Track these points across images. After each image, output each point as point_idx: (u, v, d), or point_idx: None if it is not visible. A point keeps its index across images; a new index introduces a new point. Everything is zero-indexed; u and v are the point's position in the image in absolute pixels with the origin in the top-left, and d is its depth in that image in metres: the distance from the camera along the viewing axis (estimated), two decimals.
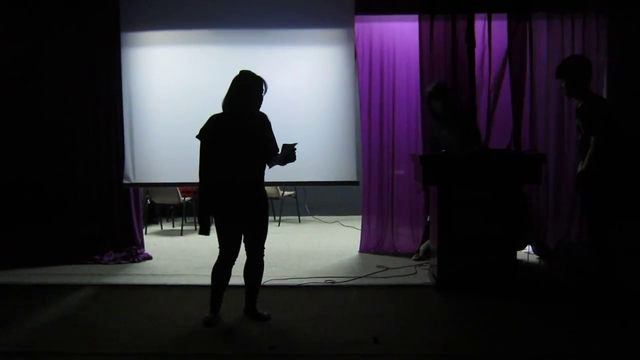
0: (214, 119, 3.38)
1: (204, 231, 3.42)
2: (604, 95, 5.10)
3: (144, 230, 5.76)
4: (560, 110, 5.21)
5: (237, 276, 3.55)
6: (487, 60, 5.18)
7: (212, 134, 3.34)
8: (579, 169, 3.93)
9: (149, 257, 5.32)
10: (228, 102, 3.37)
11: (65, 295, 4.12)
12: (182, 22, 5.12)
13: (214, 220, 3.44)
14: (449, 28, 5.11)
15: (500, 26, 5.17)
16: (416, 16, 5.13)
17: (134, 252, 5.26)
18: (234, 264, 3.44)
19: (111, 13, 5.13)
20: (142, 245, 5.43)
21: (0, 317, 3.64)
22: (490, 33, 5.15)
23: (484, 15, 5.14)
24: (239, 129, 3.32)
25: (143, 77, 5.18)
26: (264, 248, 3.51)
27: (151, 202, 7.12)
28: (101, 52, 5.18)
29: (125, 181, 5.22)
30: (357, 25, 5.13)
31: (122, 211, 5.32)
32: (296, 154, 3.34)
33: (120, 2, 5.10)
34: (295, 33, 5.12)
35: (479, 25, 5.15)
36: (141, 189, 5.76)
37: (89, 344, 3.18)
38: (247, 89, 3.33)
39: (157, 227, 7.22)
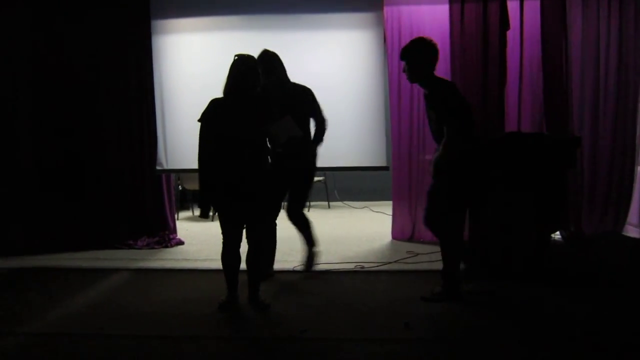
0: (212, 103, 3.38)
1: (204, 215, 3.50)
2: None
3: (176, 215, 5.85)
4: (595, 94, 5.09)
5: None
6: (518, 43, 5.06)
7: (210, 119, 3.35)
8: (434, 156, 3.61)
9: (181, 242, 5.41)
10: (225, 86, 3.38)
11: (102, 279, 4.23)
12: (211, 8, 5.15)
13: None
14: (480, 10, 4.97)
15: (533, 7, 5.03)
16: None
17: (167, 237, 5.36)
18: (239, 247, 3.45)
19: (141, 1, 5.19)
20: (174, 231, 5.52)
21: (41, 299, 3.76)
22: (522, 15, 5.03)
23: None
24: (236, 113, 3.32)
25: (174, 64, 5.25)
26: (264, 234, 3.51)
27: (183, 188, 7.22)
28: (132, 40, 5.23)
29: (157, 167, 5.32)
30: (385, 9, 5.08)
31: (155, 197, 5.41)
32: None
33: None
34: (323, 17, 5.10)
35: (511, 6, 5.00)
36: (173, 175, 5.85)
37: (123, 326, 3.26)
38: (242, 72, 3.32)
39: (188, 213, 7.32)
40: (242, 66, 3.34)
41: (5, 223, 5.24)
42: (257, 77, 3.36)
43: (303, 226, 4.25)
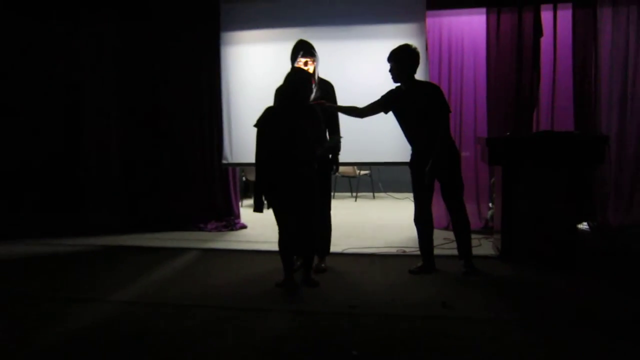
0: (266, 111, 3.66)
1: (258, 209, 3.78)
2: None
3: (240, 203, 6.34)
4: (623, 96, 5.28)
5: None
6: (551, 50, 5.30)
7: (263, 124, 3.62)
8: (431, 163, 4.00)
9: (245, 227, 5.95)
10: (277, 96, 3.75)
11: (177, 257, 4.71)
12: (273, 21, 5.59)
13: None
14: (515, 20, 5.26)
15: (565, 16, 5.27)
16: (484, 9, 5.31)
17: (232, 222, 5.91)
18: (293, 234, 3.70)
19: (213, 16, 5.73)
20: (239, 216, 6.06)
21: (125, 272, 4.26)
22: (555, 23, 5.27)
23: (550, 5, 5.26)
24: (286, 120, 3.59)
25: (238, 71, 5.75)
26: (316, 220, 3.72)
27: (246, 179, 7.77)
28: (204, 50, 5.80)
29: (224, 161, 5.88)
30: (427, 20, 5.29)
31: (222, 187, 5.96)
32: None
33: (221, 6, 5.70)
34: (370, 29, 5.41)
35: (545, 15, 5.27)
36: (238, 168, 6.36)
37: (194, 298, 3.60)
38: (292, 84, 3.61)
39: (251, 201, 7.62)
40: (289, 78, 3.64)
41: (95, 207, 5.94)
42: (310, 88, 3.70)
43: (324, 232, 4.20)
